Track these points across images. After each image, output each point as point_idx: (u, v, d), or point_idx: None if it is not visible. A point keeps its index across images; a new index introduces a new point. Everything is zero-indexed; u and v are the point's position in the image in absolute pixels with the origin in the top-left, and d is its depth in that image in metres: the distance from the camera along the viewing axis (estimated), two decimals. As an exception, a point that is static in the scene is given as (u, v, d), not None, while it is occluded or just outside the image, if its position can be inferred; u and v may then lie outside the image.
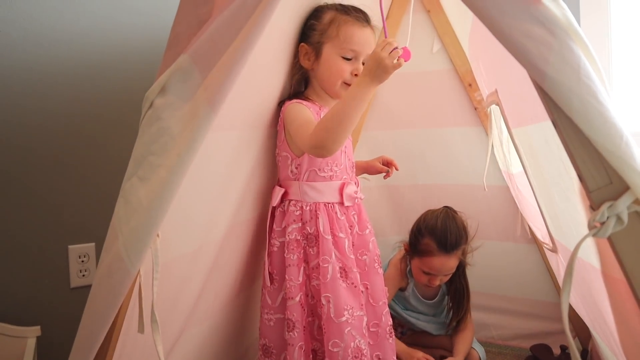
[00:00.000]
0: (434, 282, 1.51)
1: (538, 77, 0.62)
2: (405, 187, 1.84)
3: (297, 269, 1.12)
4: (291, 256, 1.13)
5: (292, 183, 1.16)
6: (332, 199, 1.15)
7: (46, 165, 1.42)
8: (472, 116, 1.73)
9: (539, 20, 0.62)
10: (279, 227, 1.16)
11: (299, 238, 1.14)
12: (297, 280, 1.12)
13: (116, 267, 0.74)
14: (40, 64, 1.40)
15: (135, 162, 0.76)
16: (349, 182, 1.19)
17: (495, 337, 1.77)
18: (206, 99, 0.72)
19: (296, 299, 1.11)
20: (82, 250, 1.48)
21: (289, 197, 1.16)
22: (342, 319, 1.08)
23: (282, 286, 1.15)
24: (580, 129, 0.60)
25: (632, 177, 0.58)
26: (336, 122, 1.01)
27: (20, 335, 1.29)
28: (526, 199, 1.56)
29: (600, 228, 0.59)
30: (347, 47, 1.14)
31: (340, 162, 1.18)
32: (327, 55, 1.15)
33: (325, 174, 1.15)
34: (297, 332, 1.10)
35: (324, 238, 1.11)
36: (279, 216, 1.17)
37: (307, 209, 1.14)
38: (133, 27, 1.54)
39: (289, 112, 1.14)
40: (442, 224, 1.48)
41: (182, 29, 0.78)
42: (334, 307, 1.08)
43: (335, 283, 1.10)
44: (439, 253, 1.46)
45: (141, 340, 0.88)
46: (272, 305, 1.16)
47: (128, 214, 0.74)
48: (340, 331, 1.08)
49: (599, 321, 1.01)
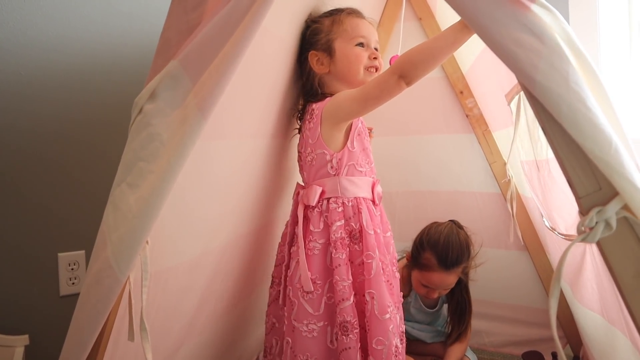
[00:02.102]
0: (432, 295, 1.50)
1: (528, 84, 0.63)
2: (397, 193, 1.85)
3: (346, 268, 1.08)
4: (340, 255, 1.08)
5: (328, 180, 1.13)
6: (367, 195, 1.15)
7: (36, 172, 1.41)
8: (464, 123, 1.75)
9: (528, 28, 0.63)
10: (317, 229, 1.12)
11: (344, 236, 1.10)
12: (349, 279, 1.08)
13: (105, 274, 0.73)
14: (31, 67, 1.39)
15: (125, 168, 0.75)
16: (378, 181, 1.20)
17: (487, 343, 1.77)
18: (196, 105, 0.72)
19: (350, 300, 1.06)
20: (71, 258, 1.47)
21: (325, 195, 1.13)
22: (386, 316, 1.06)
23: (324, 290, 1.09)
24: (570, 135, 0.61)
25: (621, 183, 0.59)
26: (425, 55, 1.02)
27: (8, 345, 1.27)
28: (558, 185, 1.54)
29: (589, 233, 0.60)
30: (357, 35, 1.18)
31: (371, 160, 1.19)
32: (341, 48, 1.17)
33: (362, 169, 1.15)
34: (355, 334, 1.06)
35: (367, 233, 1.10)
36: (317, 216, 1.13)
37: (349, 204, 1.12)
38: (124, 32, 1.54)
39: (334, 100, 1.13)
40: (444, 240, 1.46)
41: (171, 34, 0.78)
42: (378, 304, 1.06)
43: (379, 279, 1.08)
44: (439, 269, 1.45)
45: (132, 349, 0.87)
46: (315, 313, 1.08)
47: (117, 220, 0.73)
48: (385, 328, 1.06)
49: (619, 314, 1.00)
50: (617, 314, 1.06)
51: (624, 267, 0.61)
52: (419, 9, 1.72)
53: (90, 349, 0.77)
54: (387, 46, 1.75)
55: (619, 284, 0.61)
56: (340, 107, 1.12)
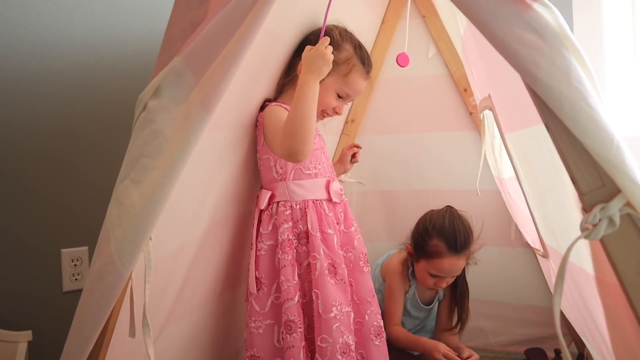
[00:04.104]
0: (441, 284, 1.46)
1: (530, 82, 0.63)
2: (400, 192, 1.84)
3: (292, 268, 1.12)
4: (285, 256, 1.12)
5: (278, 184, 1.17)
6: (320, 196, 1.18)
7: (39, 168, 1.41)
8: (467, 121, 1.74)
9: (531, 26, 0.63)
10: (265, 230, 1.16)
11: (291, 237, 1.14)
12: (294, 280, 1.11)
13: (108, 270, 0.74)
14: (34, 65, 1.39)
15: (129, 164, 0.76)
16: (334, 179, 1.22)
17: (493, 344, 1.76)
18: (200, 101, 0.72)
19: (295, 300, 1.10)
20: (75, 254, 1.47)
21: (275, 199, 1.17)
22: (330, 314, 1.09)
23: (271, 290, 1.14)
24: (572, 133, 0.61)
25: (623, 181, 0.59)
26: (297, 123, 1.04)
27: (11, 340, 1.27)
28: (517, 205, 1.56)
29: (592, 230, 0.60)
30: (346, 90, 1.22)
31: (322, 161, 1.21)
32: (326, 86, 1.18)
33: (310, 172, 1.17)
34: (299, 333, 1.09)
35: (312, 235, 1.13)
36: (266, 219, 1.17)
37: (297, 207, 1.15)
38: (128, 29, 1.54)
39: (268, 115, 1.15)
40: (449, 224, 1.44)
41: (176, 31, 0.78)
42: (322, 303, 1.09)
43: (324, 279, 1.11)
44: (449, 254, 1.41)
45: (135, 345, 0.87)
46: (261, 311, 1.14)
47: (121, 216, 0.74)
48: (329, 327, 1.08)
49: (590, 326, 1.01)
50: (585, 324, 1.07)
51: (627, 264, 0.61)
52: (422, 6, 1.71)
53: (93, 344, 0.77)
54: (390, 44, 1.75)
55: (622, 281, 0.61)
56: (265, 127, 1.16)
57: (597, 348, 1.01)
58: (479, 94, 1.54)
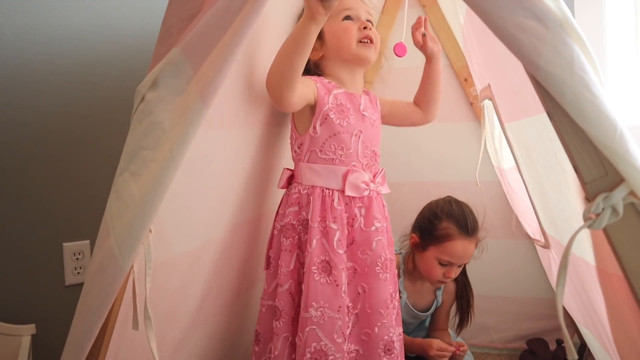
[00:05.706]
0: (450, 274, 1.39)
1: (532, 69, 0.62)
2: (400, 184, 1.84)
3: (290, 255, 1.07)
4: (285, 241, 1.08)
5: (297, 165, 1.13)
6: (333, 185, 1.07)
7: (40, 163, 1.41)
8: (468, 112, 1.73)
9: (533, 13, 0.62)
10: (282, 210, 1.12)
11: (295, 222, 1.08)
12: (289, 267, 1.06)
13: (108, 263, 0.73)
14: (33, 61, 1.39)
15: (127, 156, 0.75)
16: (357, 171, 1.09)
17: (495, 340, 1.75)
18: (198, 93, 0.71)
19: (285, 287, 1.06)
20: (76, 247, 1.47)
21: (294, 179, 1.13)
22: (307, 314, 1.01)
23: (276, 272, 1.09)
24: (575, 121, 0.60)
25: (626, 170, 0.58)
26: (281, 61, 0.97)
27: (15, 334, 1.28)
28: (517, 195, 1.56)
29: (595, 219, 0.59)
30: (341, 9, 1.12)
31: (349, 146, 1.09)
32: (330, 28, 1.12)
33: (326, 156, 1.08)
34: (283, 322, 1.05)
35: (310, 226, 1.05)
36: (284, 199, 1.14)
37: (304, 192, 1.08)
38: (126, 23, 1.53)
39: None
40: (457, 208, 1.40)
41: (173, 22, 0.77)
42: (304, 299, 1.02)
43: (310, 275, 1.03)
44: (461, 236, 1.35)
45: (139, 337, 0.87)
46: (267, 290, 1.11)
47: (120, 209, 0.73)
48: (303, 326, 1.02)
49: (592, 317, 1.01)
50: (587, 314, 1.06)
51: (631, 254, 0.60)
52: (422, -5, 1.70)
53: (95, 337, 0.77)
54: (390, 34, 1.74)
55: (625, 271, 0.60)
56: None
57: (598, 337, 1.01)
58: (478, 84, 1.53)
